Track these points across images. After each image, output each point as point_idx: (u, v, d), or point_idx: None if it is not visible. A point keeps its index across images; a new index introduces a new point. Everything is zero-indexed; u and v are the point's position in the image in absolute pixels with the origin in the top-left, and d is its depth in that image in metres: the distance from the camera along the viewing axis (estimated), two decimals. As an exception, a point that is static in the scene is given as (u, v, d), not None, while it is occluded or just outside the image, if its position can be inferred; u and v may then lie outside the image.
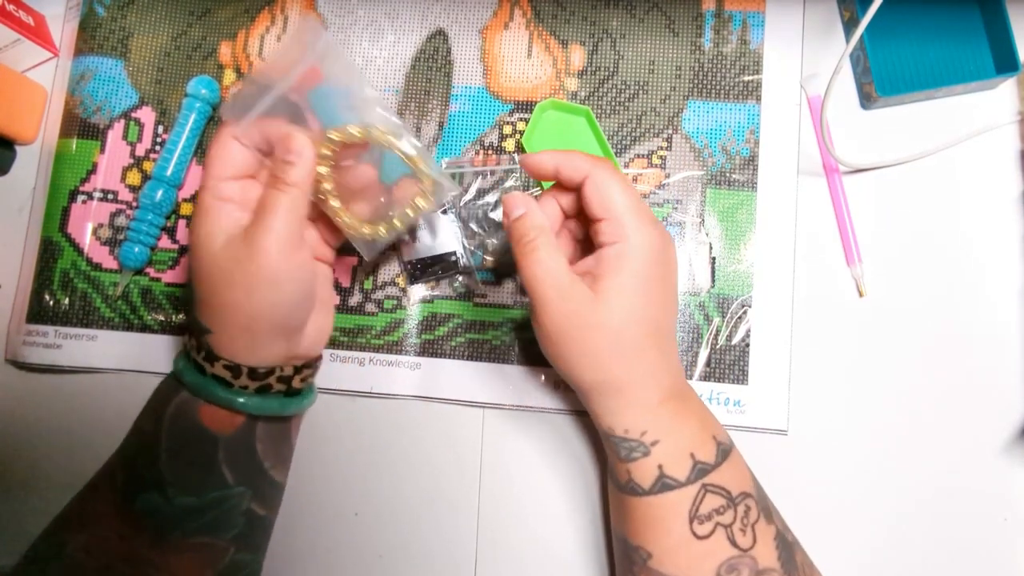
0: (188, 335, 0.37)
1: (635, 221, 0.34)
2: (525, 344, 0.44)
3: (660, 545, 0.34)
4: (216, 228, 0.34)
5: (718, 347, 0.43)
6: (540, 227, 0.35)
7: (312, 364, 0.40)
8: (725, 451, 0.35)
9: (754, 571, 0.33)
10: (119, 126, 0.47)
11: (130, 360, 0.45)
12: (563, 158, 0.35)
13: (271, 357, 0.36)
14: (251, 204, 0.35)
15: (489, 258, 0.45)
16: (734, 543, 0.33)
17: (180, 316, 0.46)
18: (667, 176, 0.45)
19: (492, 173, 0.45)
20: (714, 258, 0.44)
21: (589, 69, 0.46)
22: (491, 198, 0.45)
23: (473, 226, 0.45)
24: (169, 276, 0.46)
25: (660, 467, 0.33)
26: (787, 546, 0.34)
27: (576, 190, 0.36)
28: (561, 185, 0.36)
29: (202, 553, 0.36)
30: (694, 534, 0.33)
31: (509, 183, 0.45)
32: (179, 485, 0.35)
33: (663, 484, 0.33)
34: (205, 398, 0.35)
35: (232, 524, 0.37)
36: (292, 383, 0.38)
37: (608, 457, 0.37)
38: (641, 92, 0.46)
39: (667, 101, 0.46)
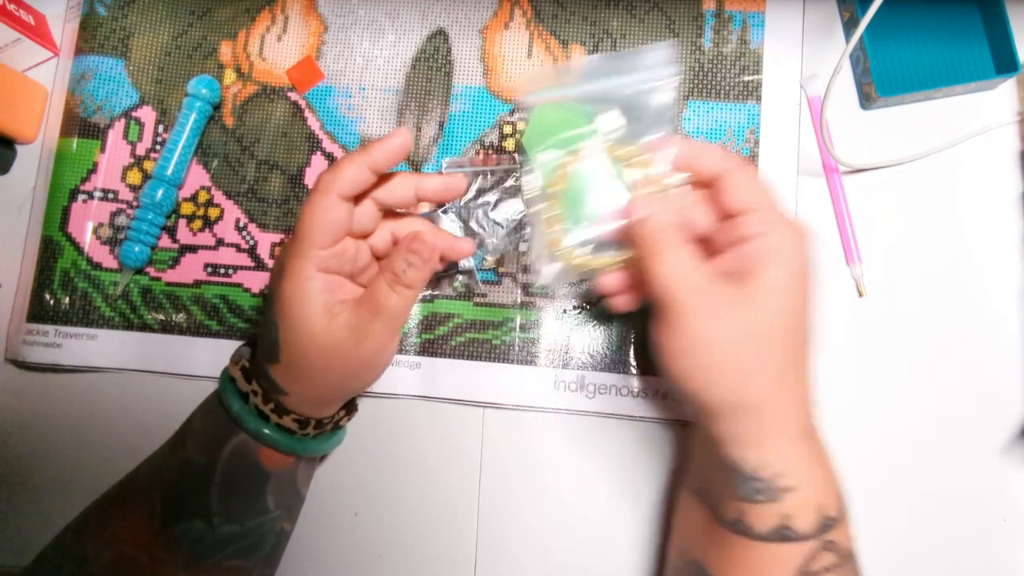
0: (249, 380, 0.35)
1: (782, 212, 0.30)
2: (525, 344, 0.44)
3: None
4: (314, 302, 0.33)
5: (718, 347, 0.43)
6: (667, 226, 0.31)
7: (355, 404, 0.42)
8: (845, 505, 0.31)
9: None
10: (119, 125, 0.47)
11: (130, 359, 0.45)
12: (699, 149, 0.32)
13: (335, 409, 0.38)
14: (338, 269, 0.35)
15: (489, 258, 0.45)
16: None
17: (180, 315, 0.46)
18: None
19: (492, 173, 0.45)
20: (714, 258, 0.44)
21: (589, 69, 0.46)
22: (491, 198, 0.45)
23: (473, 226, 0.45)
24: (169, 275, 0.46)
25: (785, 516, 0.29)
26: None
27: (707, 186, 0.33)
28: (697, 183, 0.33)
29: (231, 574, 0.36)
30: None
31: (509, 183, 0.45)
32: (225, 515, 0.35)
33: (782, 535, 0.29)
34: (269, 446, 0.35)
35: (264, 545, 0.37)
36: (340, 422, 0.39)
37: (709, 483, 0.33)
38: (641, 92, 0.46)
39: (667, 101, 0.46)
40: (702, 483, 0.34)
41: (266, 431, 0.35)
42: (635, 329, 0.44)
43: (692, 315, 0.29)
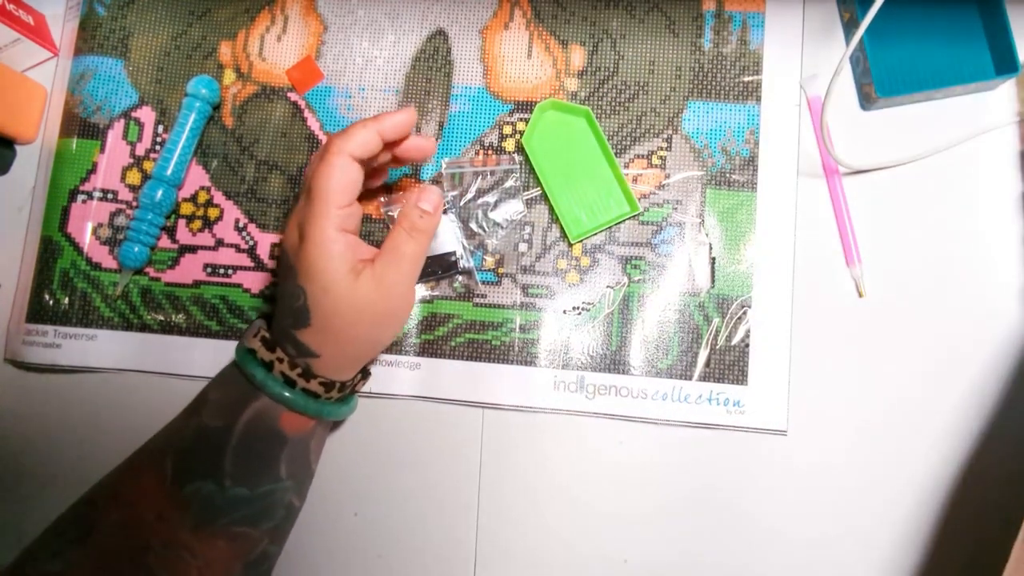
0: (272, 349, 0.36)
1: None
2: (524, 344, 0.44)
3: None
4: (341, 262, 0.35)
5: (718, 347, 0.43)
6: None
7: (369, 370, 0.43)
8: None
9: None
10: (119, 126, 0.47)
11: (130, 360, 0.45)
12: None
13: (359, 368, 0.39)
14: (353, 229, 0.38)
15: (489, 258, 0.45)
16: None
17: (180, 316, 0.46)
18: (667, 176, 0.45)
19: (492, 173, 0.45)
20: (714, 258, 0.44)
21: (589, 69, 0.46)
22: (491, 198, 0.45)
23: (473, 226, 0.45)
24: (169, 276, 0.46)
25: None
26: None
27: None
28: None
29: (237, 543, 0.36)
30: None
31: (509, 183, 0.45)
32: (237, 477, 0.36)
33: None
34: (294, 409, 0.37)
35: (273, 516, 0.38)
36: (357, 387, 0.41)
37: None
38: (641, 92, 0.46)
39: (667, 101, 0.46)
40: None
41: (290, 395, 0.36)
42: (635, 330, 0.44)
43: None
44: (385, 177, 0.44)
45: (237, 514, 0.36)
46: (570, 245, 0.45)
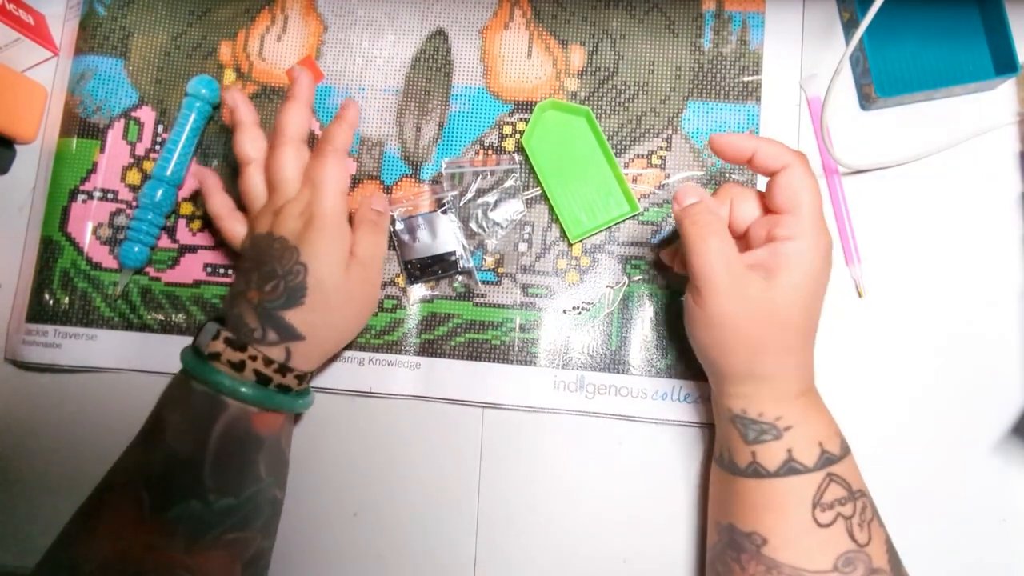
0: (243, 348, 0.36)
1: (819, 222, 0.34)
2: (524, 344, 0.44)
3: (779, 530, 0.33)
4: (344, 246, 0.39)
5: (717, 347, 0.43)
6: (716, 214, 0.35)
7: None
8: (846, 447, 0.35)
9: (868, 569, 0.33)
10: (119, 125, 0.47)
11: (130, 360, 0.45)
12: (764, 143, 0.35)
13: (328, 357, 0.41)
14: None
15: (489, 258, 0.45)
16: (852, 537, 0.33)
17: (180, 315, 0.46)
18: (667, 176, 0.45)
19: (492, 173, 0.45)
20: (714, 258, 0.44)
21: (589, 69, 0.46)
22: (491, 198, 0.45)
23: (473, 226, 0.45)
24: (169, 275, 0.46)
25: (789, 451, 0.34)
26: (895, 552, 0.34)
27: (764, 176, 0.36)
28: (734, 187, 0.38)
29: (232, 548, 0.36)
30: (816, 521, 0.33)
31: (509, 183, 0.45)
32: (221, 490, 0.36)
33: (790, 468, 0.34)
34: (268, 408, 0.37)
35: (261, 514, 0.38)
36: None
37: (724, 443, 0.37)
38: (641, 92, 0.46)
39: (667, 101, 0.46)
40: (720, 448, 0.38)
41: (263, 394, 0.37)
42: (635, 329, 0.44)
43: (722, 294, 0.34)
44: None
45: (227, 523, 0.36)
46: (570, 245, 0.45)
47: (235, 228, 0.42)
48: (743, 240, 0.37)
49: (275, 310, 0.37)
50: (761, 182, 0.45)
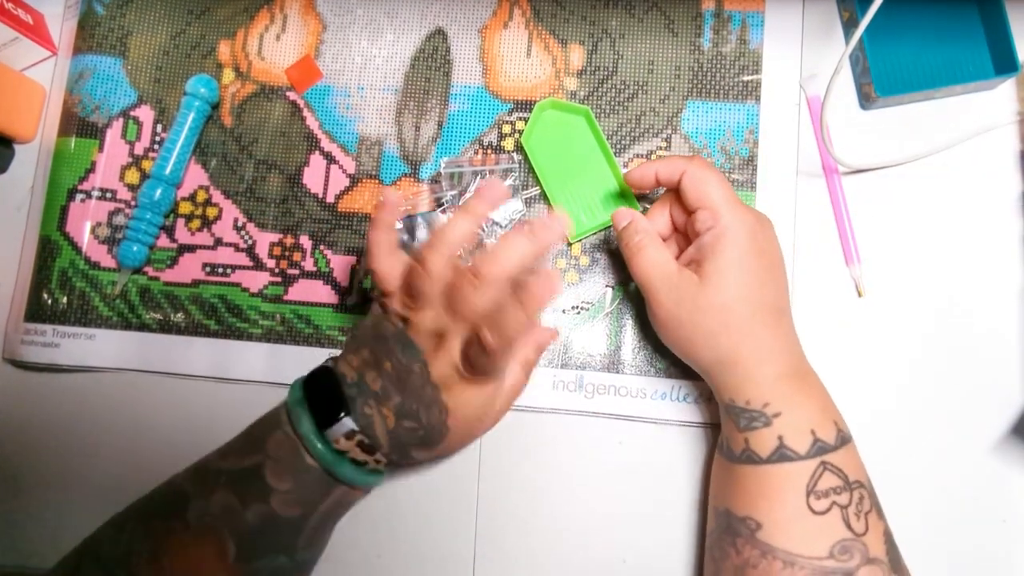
0: (372, 452, 0.35)
1: (727, 205, 0.36)
2: (524, 344, 0.44)
3: (773, 516, 0.34)
4: (477, 393, 0.35)
5: (717, 347, 0.43)
6: (645, 230, 0.39)
7: None
8: (844, 438, 0.35)
9: (865, 557, 0.33)
10: (118, 125, 0.47)
11: (128, 359, 0.45)
12: (661, 163, 0.39)
13: None
14: None
15: None
16: (848, 525, 0.33)
17: (178, 315, 0.45)
18: (666, 176, 0.45)
19: (491, 172, 0.45)
20: (713, 258, 0.44)
21: (588, 69, 0.46)
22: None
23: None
24: (167, 275, 0.46)
25: (780, 438, 0.34)
26: (894, 545, 0.35)
27: (677, 189, 0.39)
28: (671, 193, 0.40)
29: None
30: (810, 508, 0.33)
31: (508, 183, 0.45)
32: (309, 548, 0.36)
33: (782, 455, 0.34)
34: (369, 488, 0.36)
35: (321, 553, 0.38)
36: None
37: (723, 431, 0.38)
38: (640, 92, 0.46)
39: (666, 101, 0.46)
40: (721, 437, 0.39)
41: (371, 480, 0.36)
42: (634, 329, 0.44)
43: (663, 299, 0.37)
44: None
45: (303, 569, 0.37)
46: (569, 244, 0.45)
47: (391, 263, 0.36)
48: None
49: (407, 445, 0.35)
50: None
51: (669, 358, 0.43)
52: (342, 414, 0.33)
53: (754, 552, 0.34)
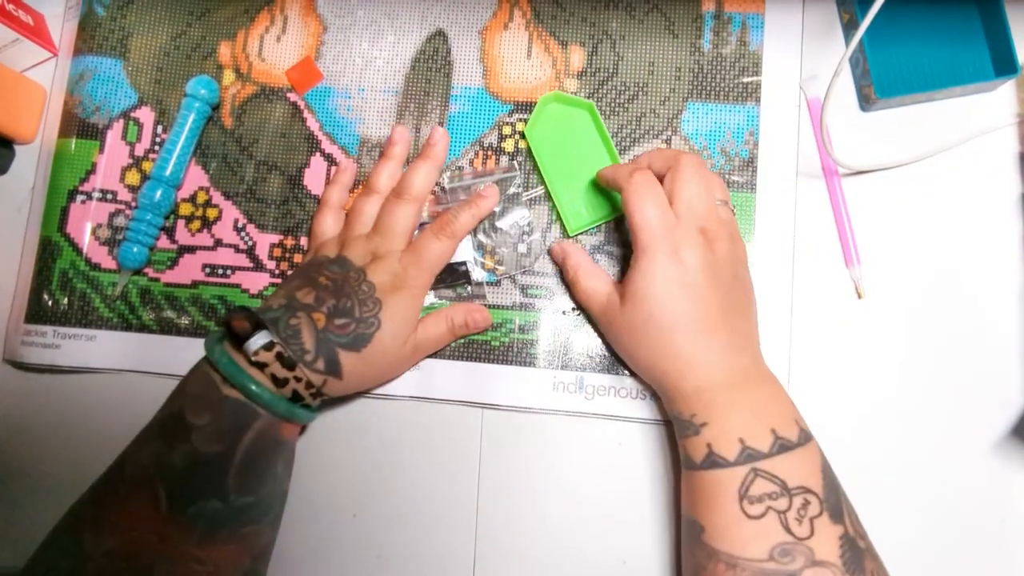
0: (292, 367, 0.36)
1: (646, 228, 0.37)
2: (524, 344, 0.44)
3: (712, 519, 0.35)
4: (414, 324, 0.41)
5: (717, 348, 0.43)
6: (577, 263, 0.42)
7: None
8: (785, 445, 0.35)
9: (810, 560, 0.33)
10: (118, 126, 0.47)
11: (129, 360, 0.45)
12: (608, 170, 0.41)
13: None
14: None
15: (501, 267, 0.45)
16: (788, 529, 0.33)
17: (179, 316, 0.46)
18: (666, 177, 0.45)
19: (497, 182, 0.45)
20: (713, 259, 0.44)
21: (589, 70, 0.46)
22: (496, 207, 0.45)
23: (481, 237, 0.45)
24: (168, 276, 0.46)
25: (709, 445, 0.36)
26: (855, 549, 0.34)
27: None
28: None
29: (246, 541, 0.37)
30: (745, 513, 0.34)
31: (512, 191, 0.45)
32: (242, 490, 0.36)
33: (712, 461, 0.35)
34: (297, 422, 0.39)
35: (273, 508, 0.39)
36: None
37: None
38: (640, 93, 0.46)
39: (666, 103, 0.46)
40: None
41: (295, 410, 0.37)
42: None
43: (600, 324, 0.42)
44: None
45: (244, 518, 0.36)
46: (571, 237, 0.45)
47: (327, 222, 0.44)
48: None
49: (335, 345, 0.37)
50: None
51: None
52: (244, 315, 0.37)
53: (702, 554, 0.35)
